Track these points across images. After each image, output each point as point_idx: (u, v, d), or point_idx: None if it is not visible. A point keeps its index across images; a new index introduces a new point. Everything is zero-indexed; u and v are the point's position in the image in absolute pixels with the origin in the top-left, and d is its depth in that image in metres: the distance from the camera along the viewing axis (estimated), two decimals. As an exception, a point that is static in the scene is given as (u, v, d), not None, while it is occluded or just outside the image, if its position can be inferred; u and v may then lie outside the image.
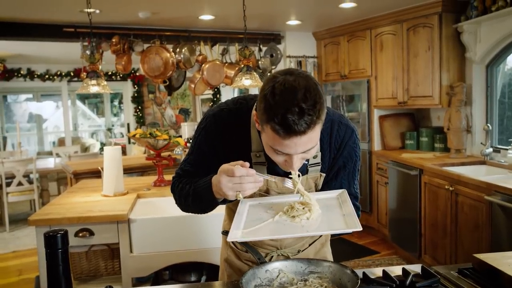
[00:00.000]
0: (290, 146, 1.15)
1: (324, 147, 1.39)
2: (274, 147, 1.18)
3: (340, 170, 1.44)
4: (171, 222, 2.67)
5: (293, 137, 1.12)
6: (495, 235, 3.01)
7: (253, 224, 1.24)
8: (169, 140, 3.23)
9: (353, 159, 1.44)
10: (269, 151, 1.23)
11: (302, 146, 1.15)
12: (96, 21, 4.27)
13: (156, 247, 2.65)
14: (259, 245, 1.50)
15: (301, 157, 1.21)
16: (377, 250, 4.62)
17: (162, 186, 3.28)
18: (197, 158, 1.43)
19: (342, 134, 1.40)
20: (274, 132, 1.13)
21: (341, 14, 4.62)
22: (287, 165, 1.23)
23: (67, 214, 2.59)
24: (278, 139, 1.14)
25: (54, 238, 1.13)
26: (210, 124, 1.40)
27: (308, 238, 1.57)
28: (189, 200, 1.37)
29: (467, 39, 3.99)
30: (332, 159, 1.41)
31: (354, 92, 5.23)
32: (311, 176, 1.41)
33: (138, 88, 8.68)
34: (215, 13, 4.46)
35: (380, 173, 4.84)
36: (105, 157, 3.02)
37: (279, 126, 1.11)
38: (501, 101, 4.09)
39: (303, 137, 1.13)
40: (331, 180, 1.44)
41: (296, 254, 1.53)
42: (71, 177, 4.55)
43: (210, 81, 4.84)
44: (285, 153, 1.18)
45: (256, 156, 1.36)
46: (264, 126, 1.17)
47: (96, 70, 3.09)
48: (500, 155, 3.86)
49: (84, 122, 12.64)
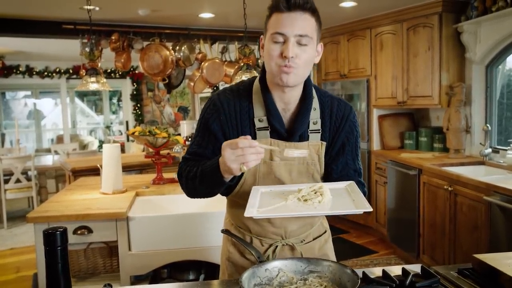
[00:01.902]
0: (289, 22, 1.29)
1: (325, 118, 1.48)
2: (274, 31, 1.30)
3: (345, 145, 1.50)
4: (170, 220, 2.67)
5: (292, 11, 1.28)
6: (494, 236, 3.01)
7: (267, 206, 1.28)
8: (168, 138, 3.22)
9: (354, 134, 1.52)
10: (268, 48, 1.33)
11: (299, 25, 1.29)
12: (96, 18, 4.26)
13: (154, 245, 2.64)
14: (264, 234, 1.50)
15: (298, 44, 1.31)
16: (375, 250, 4.62)
17: (161, 184, 3.27)
18: (204, 137, 1.47)
19: (343, 109, 1.50)
20: (277, 11, 1.31)
21: (341, 13, 4.62)
22: (284, 53, 1.30)
23: (66, 212, 2.59)
24: (280, 17, 1.30)
25: (53, 235, 1.12)
26: (214, 102, 1.46)
27: (312, 230, 1.58)
28: (196, 181, 1.40)
29: (467, 39, 3.99)
30: (334, 134, 1.49)
31: (353, 92, 5.23)
32: (312, 144, 1.45)
33: (137, 85, 8.68)
34: (215, 11, 4.46)
35: (379, 172, 4.84)
36: (104, 154, 3.01)
37: (282, 0, 1.29)
38: (500, 102, 4.09)
39: (301, 14, 1.29)
40: (337, 155, 1.50)
41: (300, 243, 1.54)
42: (69, 175, 4.54)
43: (209, 79, 4.84)
44: (283, 33, 1.29)
45: (259, 121, 1.43)
46: (267, 24, 1.35)
47: (95, 67, 3.08)
48: (499, 155, 3.86)
49: (82, 119, 12.62)
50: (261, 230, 1.51)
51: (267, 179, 1.45)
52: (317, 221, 1.61)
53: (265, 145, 1.31)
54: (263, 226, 1.50)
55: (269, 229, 1.50)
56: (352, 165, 1.53)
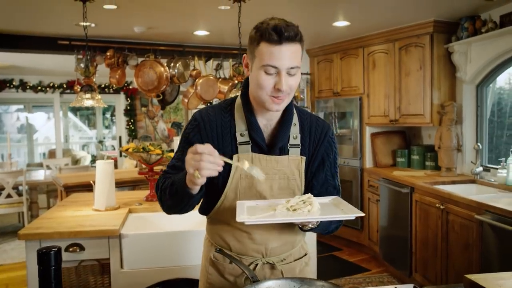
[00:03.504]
0: (280, 56, 1.32)
1: (305, 134, 1.53)
2: (265, 64, 1.33)
3: (325, 161, 1.55)
4: (163, 238, 2.66)
5: (284, 43, 1.31)
6: (486, 255, 3.03)
7: (256, 215, 1.29)
8: (162, 155, 3.23)
9: (333, 150, 1.57)
10: (260, 78, 1.35)
11: (290, 58, 1.33)
12: (91, 35, 4.29)
13: (147, 263, 2.63)
14: (244, 252, 1.50)
15: (288, 74, 1.35)
16: (367, 268, 4.61)
17: (154, 201, 3.26)
18: (183, 151, 1.47)
19: (321, 126, 1.56)
20: (267, 42, 1.32)
21: (335, 32, 4.68)
22: (277, 86, 1.34)
23: (58, 229, 2.57)
24: (270, 51, 1.32)
25: (47, 255, 1.12)
26: (195, 118, 1.51)
27: (293, 251, 1.59)
28: (167, 192, 1.41)
29: (458, 59, 4.06)
30: (314, 149, 1.53)
31: (346, 109, 5.28)
32: (292, 158, 1.49)
33: (130, 101, 8.68)
34: (210, 29, 4.51)
35: (371, 190, 4.86)
36: (97, 171, 3.00)
37: (272, 31, 1.31)
38: (491, 120, 4.15)
39: (292, 46, 1.33)
40: (317, 171, 1.54)
41: (281, 262, 1.54)
42: (61, 190, 4.51)
43: (203, 96, 4.85)
44: (275, 66, 1.32)
45: (240, 136, 1.47)
46: (255, 51, 1.35)
47: (90, 83, 3.09)
48: (490, 174, 3.90)
49: (75, 134, 12.58)
50: (242, 247, 1.51)
51: (248, 193, 1.47)
52: (298, 242, 1.62)
53: (226, 158, 1.30)
54: (244, 243, 1.50)
55: (250, 246, 1.50)
56: (332, 181, 1.57)
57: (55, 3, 3.48)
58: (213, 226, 1.58)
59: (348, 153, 5.25)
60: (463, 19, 3.97)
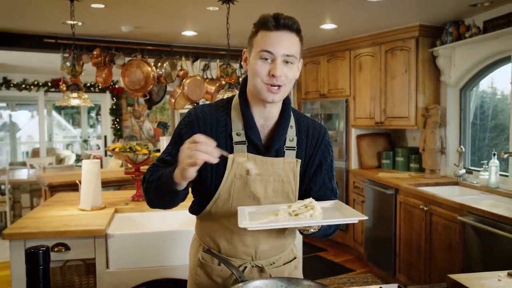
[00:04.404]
0: (277, 41, 1.34)
1: (301, 137, 1.53)
2: (262, 49, 1.35)
3: (322, 164, 1.56)
4: (150, 238, 2.66)
5: (280, 30, 1.35)
6: (467, 255, 3.09)
7: (258, 221, 1.29)
8: (149, 155, 3.22)
9: (330, 153, 1.59)
10: (255, 64, 1.37)
11: (286, 45, 1.35)
12: (78, 33, 4.25)
13: (133, 263, 2.62)
14: (234, 254, 1.50)
15: (284, 62, 1.36)
16: (352, 268, 4.66)
17: (140, 201, 3.25)
18: (174, 146, 1.47)
19: (318, 130, 1.57)
20: (264, 29, 1.36)
21: (322, 34, 4.72)
22: (272, 71, 1.35)
23: (43, 228, 2.55)
24: (267, 36, 1.35)
25: (35, 255, 1.12)
26: (189, 114, 1.50)
27: (283, 254, 1.59)
28: (153, 185, 1.39)
29: (442, 63, 4.13)
30: (311, 153, 1.54)
31: (332, 111, 5.32)
32: (287, 160, 1.48)
33: (116, 100, 8.62)
34: (198, 30, 4.51)
35: (356, 191, 4.91)
36: (84, 170, 2.99)
37: (271, 18, 1.35)
38: (473, 123, 4.23)
39: (289, 34, 1.36)
40: (315, 174, 1.55)
41: (270, 266, 1.54)
42: (45, 190, 4.47)
43: (190, 96, 4.85)
44: (271, 52, 1.34)
45: (237, 135, 1.46)
46: (253, 40, 1.39)
47: (77, 83, 3.08)
48: (473, 176, 3.97)
49: (59, 132, 12.44)
50: (232, 249, 1.50)
51: (242, 194, 1.45)
52: (288, 246, 1.62)
53: (223, 150, 1.29)
54: (235, 245, 1.50)
55: (240, 248, 1.50)
56: (329, 184, 1.58)
57: (42, 1, 3.45)
58: (203, 226, 1.56)
59: (334, 155, 5.27)
60: (447, 23, 4.04)
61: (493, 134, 4.11)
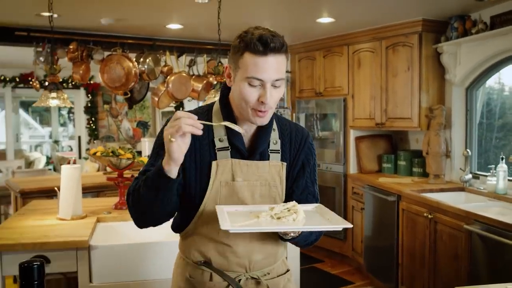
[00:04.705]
0: (265, 67, 1.41)
1: (285, 140, 1.64)
2: (250, 76, 1.42)
3: (305, 166, 1.66)
4: (136, 249, 2.71)
5: (269, 55, 1.40)
6: (474, 266, 3.19)
7: (239, 223, 1.36)
8: (133, 159, 3.27)
9: (313, 156, 1.70)
10: (244, 90, 1.44)
11: (275, 70, 1.42)
12: (53, 26, 4.28)
13: (118, 276, 2.67)
14: (226, 267, 1.56)
15: (273, 86, 1.45)
16: (351, 281, 4.75)
17: (124, 209, 3.29)
18: (157, 155, 1.54)
19: (301, 132, 1.69)
20: (251, 53, 1.41)
21: (318, 28, 4.81)
22: (262, 99, 1.43)
23: (20, 240, 2.59)
24: (255, 62, 1.40)
25: (30, 269, 1.18)
26: None
27: (276, 265, 1.66)
28: (140, 191, 1.45)
29: (447, 61, 4.24)
30: (295, 155, 1.65)
31: (329, 111, 5.41)
32: (273, 164, 1.59)
33: (92, 97, 8.62)
34: (184, 23, 4.56)
35: (355, 197, 5.00)
36: (63, 176, 3.03)
37: (257, 42, 1.39)
38: (480, 122, 4.34)
39: (277, 57, 1.42)
40: (298, 177, 1.65)
41: (265, 277, 1.61)
42: (16, 196, 4.49)
43: (175, 95, 4.89)
44: (260, 79, 1.41)
45: (219, 141, 1.56)
46: (239, 61, 1.44)
47: (56, 81, 3.11)
48: (479, 181, 4.09)
49: (25, 132, 12.34)
50: (224, 262, 1.56)
51: (230, 201, 1.54)
52: (280, 256, 1.70)
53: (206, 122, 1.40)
54: (227, 257, 1.56)
55: (233, 259, 1.56)
56: (312, 188, 1.68)
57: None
58: (190, 242, 1.61)
59: (331, 158, 5.38)
60: (453, 18, 4.15)
61: (500, 134, 4.23)
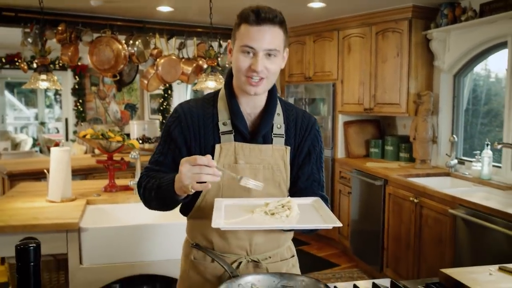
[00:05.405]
0: (258, 36, 1.46)
1: (290, 125, 1.66)
2: (243, 44, 1.47)
3: (311, 153, 1.68)
4: (126, 232, 2.74)
5: (262, 25, 1.45)
6: (458, 250, 3.27)
7: (233, 219, 1.40)
8: (123, 142, 3.28)
9: (319, 143, 1.72)
10: (237, 58, 1.50)
11: (268, 40, 1.47)
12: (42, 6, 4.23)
13: (108, 258, 2.70)
14: (227, 249, 1.60)
15: (265, 55, 1.48)
16: (337, 263, 4.83)
17: (113, 191, 3.32)
18: (165, 145, 1.62)
19: (307, 119, 1.70)
20: (246, 23, 1.47)
21: (308, 13, 4.80)
22: (253, 66, 1.47)
23: (10, 222, 2.60)
24: (248, 30, 1.46)
25: (26, 251, 1.20)
26: (176, 110, 1.64)
27: (280, 250, 1.70)
28: (153, 194, 1.53)
29: (436, 47, 4.27)
30: (300, 141, 1.67)
31: (318, 96, 5.43)
32: (276, 148, 1.61)
33: (79, 79, 8.54)
34: (175, 5, 4.53)
35: (343, 182, 5.06)
36: (52, 159, 3.03)
37: (251, 12, 1.46)
38: (466, 108, 4.40)
39: (271, 28, 1.47)
40: (303, 163, 1.67)
41: (265, 260, 1.64)
42: (4, 178, 4.48)
43: (165, 77, 4.89)
44: (253, 47, 1.46)
45: (223, 125, 1.59)
46: (236, 33, 1.51)
47: (46, 63, 3.10)
48: (465, 167, 4.16)
49: (10, 113, 12.21)
50: (226, 244, 1.60)
51: (232, 185, 1.55)
52: (284, 242, 1.73)
53: (224, 169, 1.45)
54: (228, 239, 1.59)
55: (233, 242, 1.59)
56: (317, 175, 1.71)
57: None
58: (194, 225, 1.67)
59: (320, 143, 5.40)
60: (443, 5, 4.18)
61: (485, 120, 4.30)
